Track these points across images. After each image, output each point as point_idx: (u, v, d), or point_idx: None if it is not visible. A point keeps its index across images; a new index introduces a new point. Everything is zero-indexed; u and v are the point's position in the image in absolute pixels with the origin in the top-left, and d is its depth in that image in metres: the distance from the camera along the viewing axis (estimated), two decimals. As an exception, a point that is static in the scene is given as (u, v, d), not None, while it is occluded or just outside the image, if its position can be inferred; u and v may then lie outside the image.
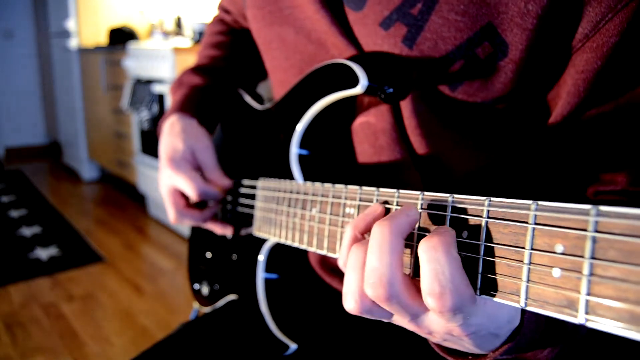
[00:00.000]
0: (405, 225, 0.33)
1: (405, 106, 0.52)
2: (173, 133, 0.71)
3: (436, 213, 0.34)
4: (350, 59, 0.52)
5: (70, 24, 3.70)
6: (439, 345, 0.40)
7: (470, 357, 0.39)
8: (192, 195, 0.66)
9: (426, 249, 0.30)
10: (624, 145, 0.45)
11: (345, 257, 0.38)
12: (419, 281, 0.32)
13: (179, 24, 3.63)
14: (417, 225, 0.36)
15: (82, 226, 2.91)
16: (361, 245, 0.35)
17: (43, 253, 2.51)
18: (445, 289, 0.29)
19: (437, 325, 0.33)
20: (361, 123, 0.56)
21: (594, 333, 0.43)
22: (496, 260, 0.30)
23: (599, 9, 0.42)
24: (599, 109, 0.45)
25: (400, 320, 0.35)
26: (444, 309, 0.30)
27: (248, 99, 0.76)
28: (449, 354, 0.40)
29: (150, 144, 2.91)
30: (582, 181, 0.47)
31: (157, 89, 2.66)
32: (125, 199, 3.52)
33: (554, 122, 0.48)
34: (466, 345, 0.36)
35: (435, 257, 0.30)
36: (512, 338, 0.37)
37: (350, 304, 0.35)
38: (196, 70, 0.79)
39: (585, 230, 0.25)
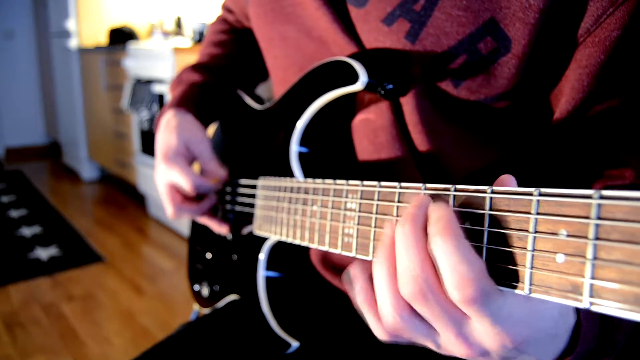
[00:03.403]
0: (422, 217, 0.33)
1: (407, 102, 0.52)
2: (168, 129, 0.71)
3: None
4: (350, 56, 0.52)
5: (70, 24, 3.70)
6: None
7: None
8: (187, 188, 0.66)
9: (437, 244, 0.30)
10: (630, 140, 0.45)
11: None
12: None
13: (179, 24, 3.63)
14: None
15: (82, 226, 2.91)
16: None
17: (43, 253, 2.50)
18: (465, 277, 0.29)
19: (484, 333, 0.32)
20: (361, 120, 0.56)
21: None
22: (500, 248, 0.30)
23: (601, 3, 0.42)
24: (604, 104, 0.45)
25: (448, 335, 0.33)
26: (473, 296, 0.29)
27: (247, 99, 0.76)
28: None
29: (150, 144, 2.91)
30: (589, 178, 0.47)
31: (157, 89, 2.66)
32: (125, 199, 3.52)
33: (559, 119, 0.47)
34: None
35: (447, 249, 0.29)
36: (574, 344, 0.35)
37: (388, 314, 0.34)
38: (195, 67, 0.79)
39: (588, 214, 0.25)
